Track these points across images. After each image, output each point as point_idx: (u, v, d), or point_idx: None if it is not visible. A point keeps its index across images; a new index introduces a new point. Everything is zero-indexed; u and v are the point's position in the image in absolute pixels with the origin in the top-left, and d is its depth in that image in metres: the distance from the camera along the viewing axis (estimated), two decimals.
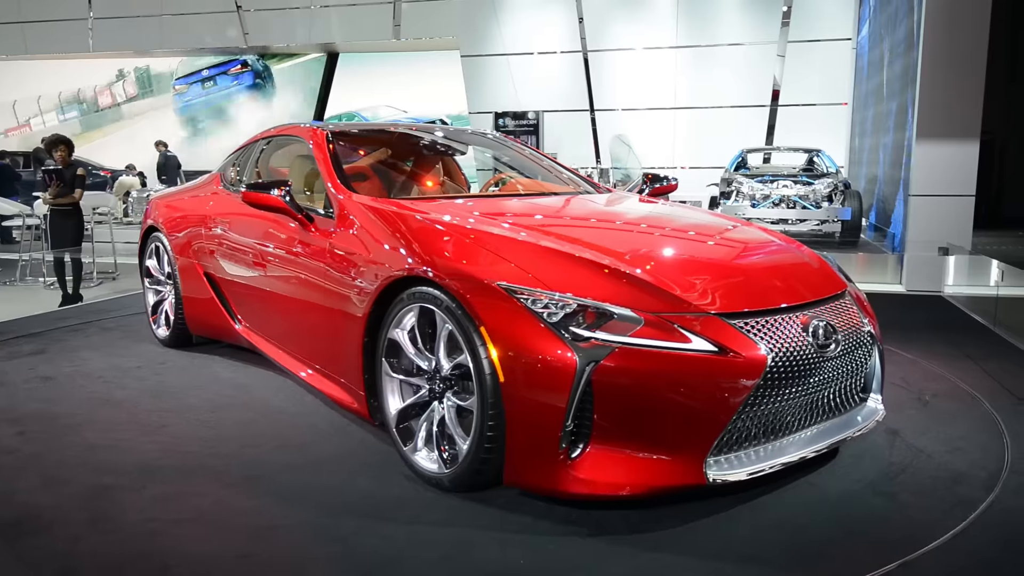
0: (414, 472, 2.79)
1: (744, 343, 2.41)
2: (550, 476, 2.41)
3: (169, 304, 4.76)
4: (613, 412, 2.34)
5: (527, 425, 2.41)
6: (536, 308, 2.42)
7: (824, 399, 2.67)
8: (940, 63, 7.25)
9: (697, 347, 2.37)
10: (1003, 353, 4.78)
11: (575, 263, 2.62)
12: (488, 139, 5.00)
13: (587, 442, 2.37)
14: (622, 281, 2.53)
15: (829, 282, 2.92)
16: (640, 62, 15.45)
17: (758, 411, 2.45)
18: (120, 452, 3.12)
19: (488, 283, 2.53)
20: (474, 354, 2.48)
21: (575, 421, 2.34)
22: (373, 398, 3.00)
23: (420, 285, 2.74)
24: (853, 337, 2.74)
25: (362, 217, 3.20)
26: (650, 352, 2.34)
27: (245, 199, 3.52)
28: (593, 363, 2.30)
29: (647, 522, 2.46)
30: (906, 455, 3.03)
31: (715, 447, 2.39)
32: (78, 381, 4.13)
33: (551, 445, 2.36)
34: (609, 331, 2.37)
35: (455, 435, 2.65)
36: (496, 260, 2.65)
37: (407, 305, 2.78)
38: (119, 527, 2.48)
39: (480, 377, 2.46)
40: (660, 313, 2.42)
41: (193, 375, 4.23)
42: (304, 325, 3.55)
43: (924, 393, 3.83)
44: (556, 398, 2.32)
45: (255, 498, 2.69)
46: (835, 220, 9.97)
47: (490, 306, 2.49)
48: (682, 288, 2.52)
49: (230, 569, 2.22)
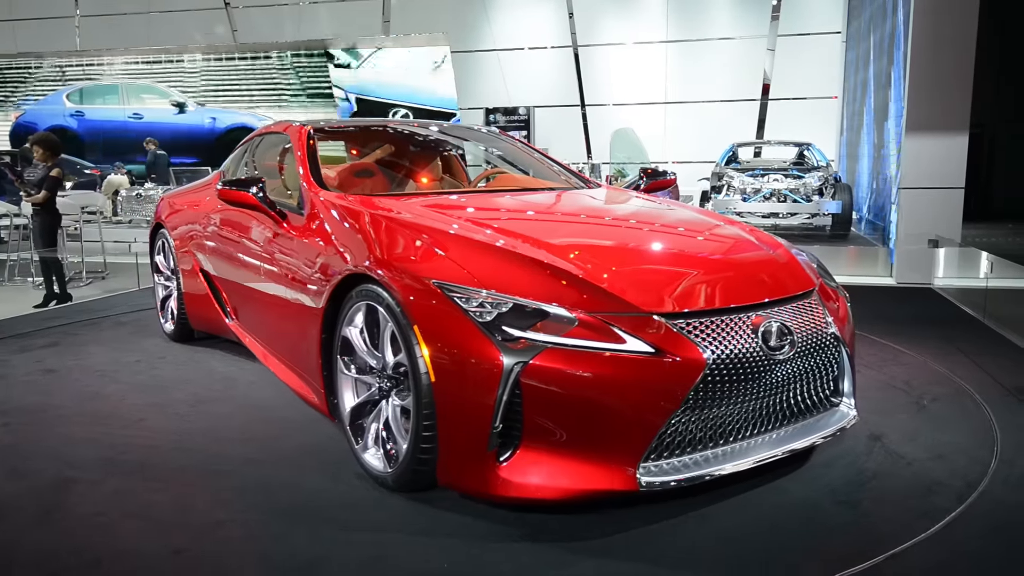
0: (364, 471, 2.78)
1: (683, 345, 2.34)
2: (479, 478, 2.37)
3: (174, 299, 4.84)
4: (542, 414, 2.28)
5: (457, 426, 2.38)
6: (469, 307, 2.37)
7: (781, 403, 2.58)
8: (929, 56, 7.27)
9: (632, 348, 2.30)
10: (993, 345, 4.80)
11: (519, 261, 2.57)
12: (480, 134, 4.98)
13: (517, 445, 2.32)
14: (562, 280, 2.47)
15: (794, 281, 2.80)
16: (630, 57, 15.46)
17: (700, 415, 2.38)
18: (93, 445, 3.17)
19: (424, 281, 2.50)
20: (410, 353, 2.45)
21: (504, 423, 2.29)
22: (332, 395, 2.99)
23: (367, 283, 2.72)
24: (813, 339, 2.64)
25: (328, 213, 3.21)
26: (580, 353, 2.28)
27: (220, 196, 3.55)
28: (521, 363, 2.25)
29: (588, 527, 2.40)
30: (883, 462, 2.91)
31: (649, 452, 2.31)
32: (76, 375, 4.23)
33: (480, 447, 2.32)
34: (541, 331, 2.31)
35: (397, 434, 2.63)
36: (439, 258, 2.62)
37: (356, 303, 2.77)
38: (68, 520, 2.52)
39: (416, 376, 2.43)
40: (597, 313, 2.36)
41: (188, 369, 4.30)
42: (275, 321, 3.60)
43: (923, 397, 3.68)
44: (484, 399, 2.28)
45: (210, 493, 2.71)
46: (825, 213, 9.99)
47: (424, 304, 2.45)
48: (624, 287, 2.45)
49: (160, 565, 2.24)
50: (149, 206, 12.14)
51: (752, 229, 3.23)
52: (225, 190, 3.49)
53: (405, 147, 4.48)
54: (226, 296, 4.27)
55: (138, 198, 12.22)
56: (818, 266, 3.09)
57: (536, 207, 3.54)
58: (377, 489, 2.68)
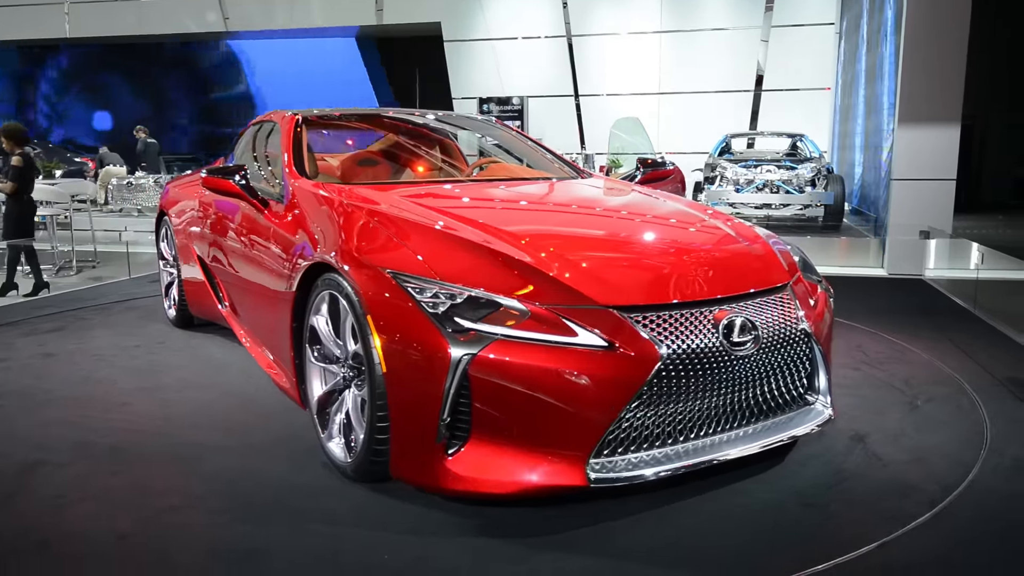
0: (330, 460, 2.77)
1: (637, 339, 2.29)
2: (428, 471, 2.34)
3: (176, 286, 4.88)
4: (491, 407, 2.25)
5: (407, 418, 2.36)
6: (421, 297, 2.35)
7: (745, 401, 2.52)
8: (922, 48, 7.29)
9: (583, 341, 2.26)
10: (983, 335, 4.84)
11: (479, 252, 2.53)
12: (476, 123, 4.97)
13: (467, 438, 2.29)
14: (519, 271, 2.43)
15: (766, 274, 2.72)
16: (624, 47, 15.42)
17: (656, 411, 2.34)
18: (71, 428, 3.19)
19: (380, 270, 2.48)
20: (365, 343, 2.43)
21: (454, 416, 2.27)
22: (303, 384, 2.98)
23: (330, 272, 2.71)
24: (781, 335, 2.57)
25: (304, 202, 3.21)
26: (530, 345, 2.24)
27: (203, 184, 3.55)
28: (469, 355, 2.22)
29: (546, 522, 2.36)
30: (860, 463, 2.82)
31: (601, 448, 2.28)
32: (75, 359, 4.27)
33: (428, 439, 2.30)
34: (493, 322, 2.28)
35: (356, 425, 2.63)
36: (398, 247, 2.60)
37: (320, 291, 2.76)
38: (27, 502, 2.54)
39: (370, 367, 2.41)
40: (552, 305, 2.32)
41: (183, 355, 4.33)
42: (254, 309, 3.62)
43: (918, 396, 3.56)
44: (432, 390, 2.25)
45: (171, 478, 2.73)
46: (818, 204, 10.03)
47: (378, 294, 2.44)
48: (582, 280, 2.41)
49: (102, 550, 2.25)
50: (140, 194, 12.07)
51: (733, 222, 3.15)
52: (208, 178, 3.50)
53: (402, 135, 4.46)
54: (220, 283, 4.28)
55: (129, 187, 12.14)
56: (800, 260, 3.02)
57: (516, 197, 3.52)
58: (340, 479, 2.67)
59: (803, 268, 2.97)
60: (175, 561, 2.20)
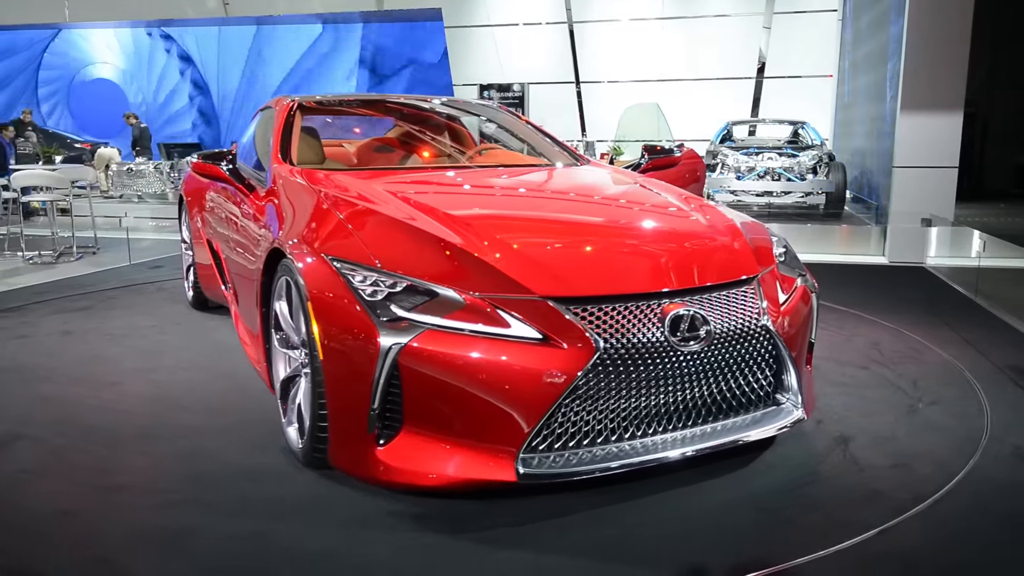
0: (288, 445, 2.76)
1: (573, 331, 2.24)
2: (361, 461, 2.34)
3: (192, 269, 4.99)
4: (421, 397, 2.23)
5: (341, 407, 2.35)
6: (359, 285, 2.33)
7: (694, 399, 2.43)
8: (925, 35, 7.25)
9: (516, 333, 2.23)
10: (985, 323, 4.83)
11: (424, 240, 2.49)
12: (477, 108, 4.94)
13: (398, 429, 2.28)
14: (459, 260, 2.39)
15: (729, 268, 2.60)
16: (626, 34, 15.34)
17: (592, 407, 2.28)
18: (58, 406, 3.24)
19: (323, 257, 2.47)
20: (308, 329, 2.41)
21: (386, 406, 2.26)
22: (272, 368, 2.98)
23: (286, 257, 2.70)
24: (737, 331, 2.46)
25: (281, 187, 3.22)
26: (462, 336, 2.22)
27: (193, 169, 3.59)
28: (399, 345, 2.20)
29: (475, 515, 2.30)
30: (834, 467, 2.64)
31: (533, 442, 2.23)
32: (89, 337, 4.35)
33: (360, 428, 2.29)
34: (426, 312, 2.25)
35: (304, 411, 2.62)
36: (347, 235, 2.59)
37: (279, 277, 2.77)
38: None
39: (312, 354, 2.40)
40: (489, 295, 2.28)
41: (192, 337, 4.40)
42: (239, 293, 3.68)
43: (922, 398, 3.34)
44: (363, 380, 2.24)
45: (134, 459, 2.75)
46: (819, 192, 10.02)
47: (318, 280, 2.42)
48: (522, 270, 2.35)
49: (40, 526, 2.28)
50: (140, 180, 12.05)
51: (711, 213, 2.99)
52: (197, 163, 3.55)
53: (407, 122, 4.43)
54: (225, 266, 4.30)
55: (129, 173, 12.12)
56: (783, 251, 2.91)
57: (493, 186, 3.45)
58: (291, 464, 2.65)
59: (785, 260, 2.88)
60: (104, 540, 2.21)
